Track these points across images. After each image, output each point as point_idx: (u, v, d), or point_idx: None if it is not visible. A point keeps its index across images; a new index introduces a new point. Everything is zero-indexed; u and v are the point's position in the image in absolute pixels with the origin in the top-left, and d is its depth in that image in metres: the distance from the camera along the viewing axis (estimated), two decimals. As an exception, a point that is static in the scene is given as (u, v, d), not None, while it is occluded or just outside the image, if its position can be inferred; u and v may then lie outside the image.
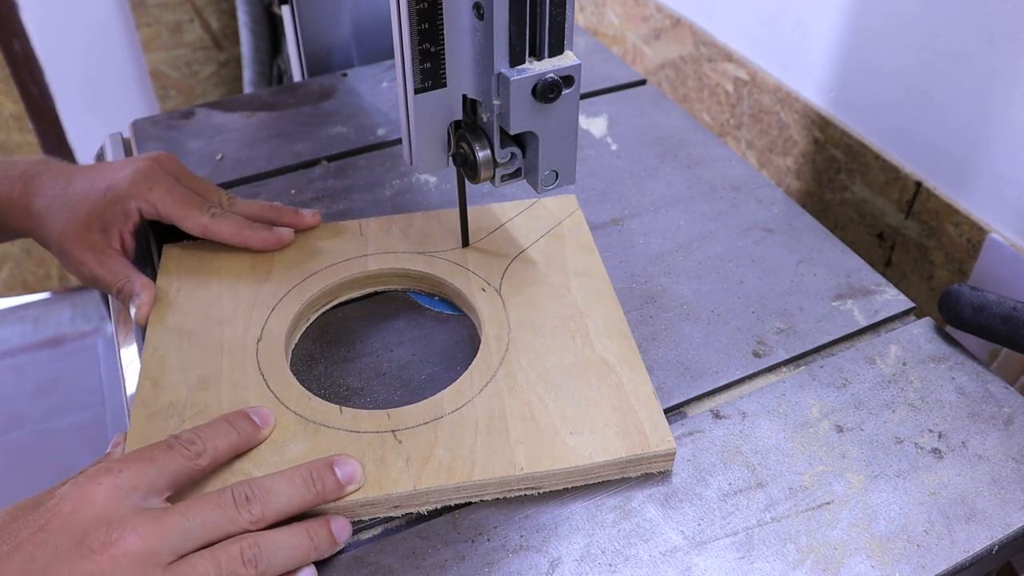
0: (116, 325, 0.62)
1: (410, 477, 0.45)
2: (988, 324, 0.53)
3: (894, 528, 0.45)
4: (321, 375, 0.54)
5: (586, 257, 0.59)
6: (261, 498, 0.42)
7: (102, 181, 0.59)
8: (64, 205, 0.59)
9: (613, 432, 0.48)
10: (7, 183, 0.60)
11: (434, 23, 0.47)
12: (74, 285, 1.89)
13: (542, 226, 0.62)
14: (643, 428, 0.48)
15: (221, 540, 0.41)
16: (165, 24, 1.49)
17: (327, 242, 0.61)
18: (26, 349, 1.83)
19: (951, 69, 0.66)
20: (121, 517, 0.39)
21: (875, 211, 0.76)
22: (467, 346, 0.55)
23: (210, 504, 0.41)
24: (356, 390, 0.53)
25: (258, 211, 0.62)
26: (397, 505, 0.45)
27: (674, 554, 0.44)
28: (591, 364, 0.52)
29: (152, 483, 0.41)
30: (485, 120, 0.51)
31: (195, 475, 0.44)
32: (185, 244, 0.61)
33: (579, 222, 0.62)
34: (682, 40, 0.95)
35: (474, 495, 0.46)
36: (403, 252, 0.60)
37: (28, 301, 1.91)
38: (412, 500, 0.45)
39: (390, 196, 0.68)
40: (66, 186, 0.59)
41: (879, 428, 0.51)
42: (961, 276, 0.69)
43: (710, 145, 0.74)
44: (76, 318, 1.89)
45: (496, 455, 0.46)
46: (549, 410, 0.49)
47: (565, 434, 0.48)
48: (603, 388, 0.50)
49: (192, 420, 0.49)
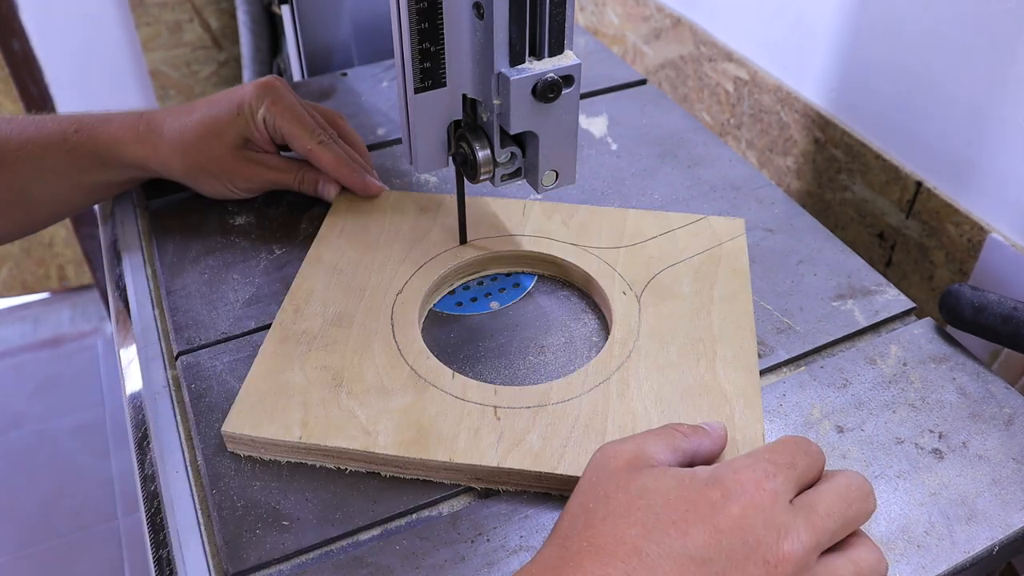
0: (116, 325, 0.62)
1: (496, 454, 0.47)
2: (989, 324, 0.53)
3: (894, 528, 0.45)
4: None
5: (736, 283, 0.57)
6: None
7: (228, 101, 0.63)
8: (198, 136, 0.62)
9: None
10: (130, 123, 0.63)
11: (434, 23, 0.47)
12: (74, 285, 1.89)
13: (702, 243, 0.61)
14: None
15: None
16: (165, 24, 1.49)
17: (489, 215, 0.62)
18: (26, 349, 1.83)
19: (951, 69, 0.66)
20: (786, 524, 0.37)
21: (875, 211, 0.76)
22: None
23: (837, 495, 0.39)
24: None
25: (358, 150, 0.67)
26: (479, 478, 0.47)
27: (674, 554, 0.44)
28: (708, 390, 0.50)
29: (794, 489, 0.39)
30: (485, 120, 0.51)
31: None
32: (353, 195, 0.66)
33: (740, 247, 0.60)
34: (682, 40, 0.95)
35: (554, 488, 0.47)
36: (557, 240, 0.60)
37: (28, 301, 1.91)
38: (493, 476, 0.47)
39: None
40: (189, 118, 0.63)
41: (879, 428, 0.51)
42: (962, 276, 0.69)
43: (710, 145, 0.74)
44: (76, 318, 1.89)
45: (584, 454, 0.46)
46: (652, 425, 0.48)
47: None
48: (712, 416, 0.49)
49: (317, 352, 0.53)
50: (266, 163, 0.65)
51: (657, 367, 0.52)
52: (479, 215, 0.63)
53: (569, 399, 0.50)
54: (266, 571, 0.44)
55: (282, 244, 0.64)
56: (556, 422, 0.48)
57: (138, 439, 0.53)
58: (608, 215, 0.63)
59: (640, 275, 0.58)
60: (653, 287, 0.57)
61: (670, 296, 0.56)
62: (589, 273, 0.58)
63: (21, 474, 1.56)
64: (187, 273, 0.62)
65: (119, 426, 1.65)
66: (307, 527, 0.45)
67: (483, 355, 0.55)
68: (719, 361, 0.52)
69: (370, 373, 0.52)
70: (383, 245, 0.61)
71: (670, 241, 0.61)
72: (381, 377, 0.51)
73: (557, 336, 0.56)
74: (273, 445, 0.48)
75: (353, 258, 0.60)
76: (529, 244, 0.60)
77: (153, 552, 0.47)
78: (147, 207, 0.69)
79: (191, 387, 0.53)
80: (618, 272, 0.58)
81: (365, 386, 0.51)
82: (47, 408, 1.70)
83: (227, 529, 0.45)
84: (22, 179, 0.61)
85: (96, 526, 1.49)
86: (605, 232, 0.61)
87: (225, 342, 0.56)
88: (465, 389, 0.51)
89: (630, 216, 0.63)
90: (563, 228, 0.61)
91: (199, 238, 0.65)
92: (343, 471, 0.48)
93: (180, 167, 0.63)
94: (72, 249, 1.82)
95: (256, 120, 0.62)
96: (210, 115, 0.62)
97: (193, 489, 0.49)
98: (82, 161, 0.62)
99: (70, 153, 0.62)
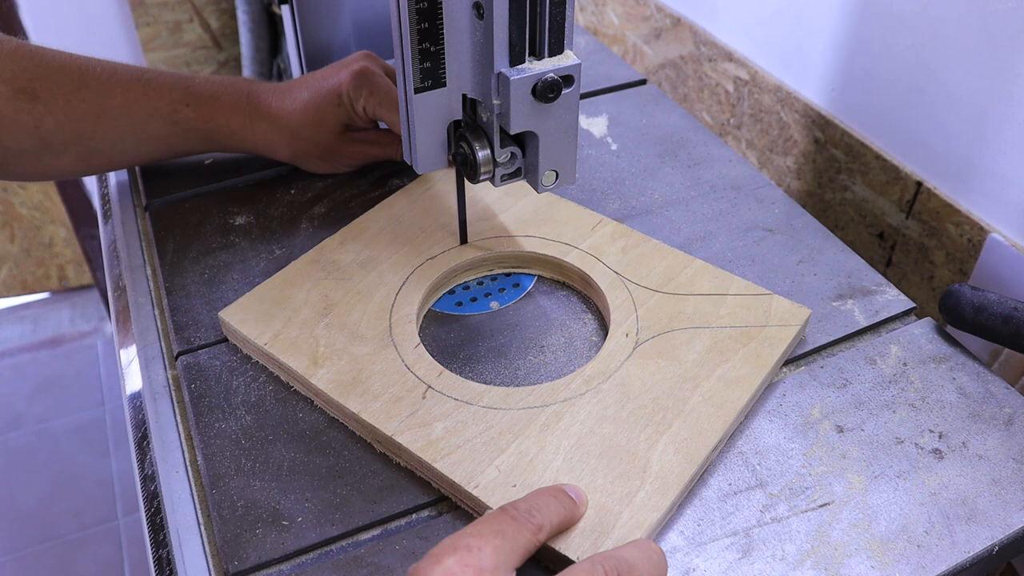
0: (115, 325, 0.62)
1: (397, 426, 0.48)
2: (989, 324, 0.53)
3: (894, 529, 0.45)
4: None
5: (748, 371, 0.51)
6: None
7: (327, 89, 0.65)
8: (302, 123, 0.65)
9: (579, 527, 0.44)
10: (238, 105, 0.65)
11: (434, 22, 0.47)
12: (74, 285, 1.89)
13: (746, 317, 0.55)
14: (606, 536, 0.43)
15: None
16: (164, 24, 1.49)
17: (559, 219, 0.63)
18: (26, 349, 1.83)
19: (951, 69, 0.66)
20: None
21: (876, 211, 0.76)
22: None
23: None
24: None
25: None
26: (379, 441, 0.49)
27: (674, 554, 0.44)
28: (632, 459, 0.46)
29: (507, 560, 0.38)
30: (485, 120, 0.51)
31: (532, 550, 0.40)
32: None
33: (784, 336, 0.53)
34: (682, 40, 0.95)
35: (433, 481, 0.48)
36: (602, 264, 0.59)
37: (28, 301, 1.91)
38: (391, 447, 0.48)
39: (388, 195, 0.68)
40: (292, 104, 0.65)
41: (879, 428, 0.51)
42: (962, 276, 0.69)
43: (710, 145, 0.74)
44: (75, 318, 1.89)
45: (467, 464, 0.46)
46: (550, 466, 0.46)
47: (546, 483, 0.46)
48: (617, 485, 0.45)
49: (330, 281, 0.57)
50: (368, 140, 0.69)
51: (600, 417, 0.49)
52: (547, 215, 0.63)
53: (496, 408, 0.49)
54: (266, 571, 0.44)
55: (282, 244, 0.64)
56: (467, 423, 0.48)
57: (138, 439, 0.53)
58: (671, 257, 0.59)
59: (656, 324, 0.54)
60: (660, 341, 0.53)
61: (670, 357, 0.52)
62: (610, 308, 0.56)
63: (21, 474, 1.56)
64: (187, 273, 0.62)
65: (119, 426, 1.65)
66: (307, 527, 0.45)
67: (483, 355, 0.55)
68: (666, 437, 0.47)
69: (355, 316, 0.55)
70: (446, 215, 0.63)
71: (714, 304, 0.56)
72: (360, 323, 0.55)
73: (557, 336, 0.56)
74: (247, 342, 0.54)
75: (415, 216, 0.63)
76: (576, 259, 0.59)
77: (153, 552, 0.47)
78: (147, 207, 0.69)
79: (191, 387, 0.53)
80: (638, 312, 0.55)
81: (343, 325, 0.55)
82: (47, 408, 1.70)
83: (227, 529, 0.45)
84: (119, 135, 0.63)
85: (96, 526, 1.49)
86: (656, 272, 0.58)
87: (225, 342, 0.56)
88: (417, 361, 0.52)
89: (693, 266, 0.58)
90: (618, 255, 0.59)
91: (199, 238, 0.65)
92: (343, 471, 0.48)
93: (286, 153, 0.67)
94: (72, 249, 1.82)
95: (356, 109, 0.65)
96: (312, 103, 0.65)
97: (193, 489, 0.49)
98: (187, 134, 0.65)
99: (176, 125, 0.64)
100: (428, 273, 0.58)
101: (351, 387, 0.51)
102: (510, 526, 0.39)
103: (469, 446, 0.47)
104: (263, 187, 0.70)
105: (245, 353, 0.55)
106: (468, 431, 0.48)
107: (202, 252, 0.63)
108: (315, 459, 0.49)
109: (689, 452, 0.47)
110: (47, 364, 1.80)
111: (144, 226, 0.68)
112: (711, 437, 0.48)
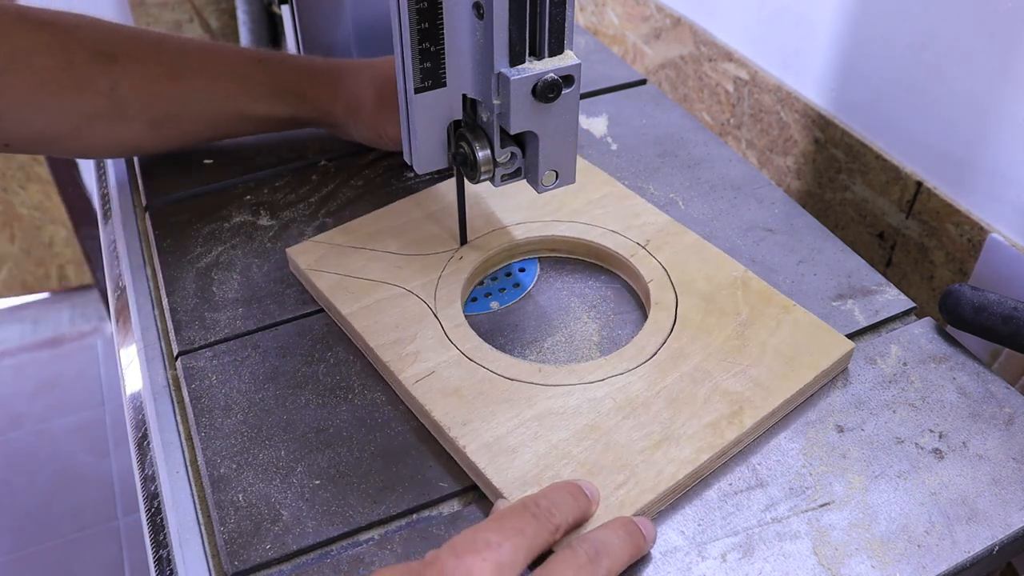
0: (115, 325, 0.62)
1: (413, 377, 0.50)
2: (989, 324, 0.53)
3: (894, 528, 0.45)
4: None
5: (770, 393, 0.50)
6: (608, 554, 0.40)
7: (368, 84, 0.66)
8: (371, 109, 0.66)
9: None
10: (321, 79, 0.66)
11: (434, 23, 0.47)
12: (74, 285, 1.89)
13: (792, 342, 0.53)
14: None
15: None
16: (165, 23, 1.49)
17: (605, 209, 0.64)
18: (25, 349, 1.83)
19: (951, 69, 0.66)
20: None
21: (876, 211, 0.76)
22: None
23: (571, 569, 0.39)
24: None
25: None
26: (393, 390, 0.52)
27: (674, 554, 0.44)
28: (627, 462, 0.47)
29: (526, 556, 0.39)
30: (485, 120, 0.51)
31: (548, 547, 0.41)
32: None
33: (818, 366, 0.52)
34: (682, 40, 0.95)
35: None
36: (650, 263, 0.58)
37: (27, 301, 1.91)
38: (406, 397, 0.51)
39: (390, 195, 0.68)
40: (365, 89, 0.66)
41: (879, 428, 0.51)
42: (962, 276, 0.69)
43: (710, 145, 0.74)
44: (75, 318, 1.89)
45: (471, 434, 0.47)
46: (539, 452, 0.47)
47: None
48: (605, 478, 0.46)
49: (366, 240, 0.60)
50: None
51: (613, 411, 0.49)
52: (591, 213, 0.63)
53: (534, 383, 0.50)
54: (266, 571, 0.44)
55: (282, 244, 0.64)
56: (487, 391, 0.50)
57: (138, 439, 0.53)
58: (725, 266, 0.58)
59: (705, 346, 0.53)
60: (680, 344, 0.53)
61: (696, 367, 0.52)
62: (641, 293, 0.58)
63: (21, 474, 1.56)
64: (187, 273, 0.62)
65: (119, 426, 1.65)
66: (307, 527, 0.45)
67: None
68: (667, 440, 0.47)
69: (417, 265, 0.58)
70: (501, 196, 0.64)
71: (768, 330, 0.54)
72: (420, 275, 0.57)
73: (557, 336, 0.56)
74: (308, 282, 0.58)
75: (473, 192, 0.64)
76: (602, 238, 0.61)
77: (153, 552, 0.47)
78: (147, 207, 0.69)
79: (191, 387, 0.53)
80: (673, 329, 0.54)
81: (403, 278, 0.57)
82: (47, 408, 1.70)
83: (227, 529, 0.45)
84: (192, 95, 0.64)
85: (96, 526, 1.49)
86: (700, 276, 0.58)
87: (225, 342, 0.56)
88: (464, 334, 0.53)
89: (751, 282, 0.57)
90: (652, 257, 0.59)
91: (199, 238, 0.65)
92: (343, 471, 0.48)
93: (370, 108, 0.66)
94: (72, 249, 1.82)
95: None
96: (373, 98, 0.65)
97: (193, 489, 0.49)
98: (257, 88, 0.65)
99: (247, 80, 0.65)
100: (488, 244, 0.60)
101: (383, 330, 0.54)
102: (531, 525, 0.40)
103: (476, 415, 0.48)
104: (263, 187, 0.70)
105: (245, 353, 0.55)
106: (482, 399, 0.49)
107: (202, 252, 0.63)
108: (315, 459, 0.49)
109: (686, 459, 0.47)
110: (47, 364, 1.80)
111: (144, 226, 0.68)
112: (706, 452, 0.47)
